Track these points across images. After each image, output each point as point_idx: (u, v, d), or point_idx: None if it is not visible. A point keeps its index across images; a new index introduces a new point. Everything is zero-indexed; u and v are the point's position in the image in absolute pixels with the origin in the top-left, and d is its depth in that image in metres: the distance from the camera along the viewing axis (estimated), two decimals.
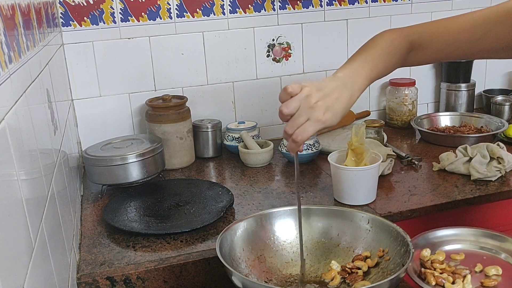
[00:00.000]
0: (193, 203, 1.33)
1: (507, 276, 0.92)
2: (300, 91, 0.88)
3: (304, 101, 0.87)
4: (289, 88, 0.88)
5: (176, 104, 1.60)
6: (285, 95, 0.88)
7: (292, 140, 0.88)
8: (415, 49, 1.00)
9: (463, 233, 1.04)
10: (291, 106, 0.87)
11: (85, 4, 1.57)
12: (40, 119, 0.86)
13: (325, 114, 0.87)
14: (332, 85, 0.90)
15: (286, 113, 0.87)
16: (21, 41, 0.78)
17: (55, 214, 0.87)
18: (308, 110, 0.87)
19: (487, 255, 0.99)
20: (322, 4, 1.79)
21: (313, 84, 0.90)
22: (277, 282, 0.96)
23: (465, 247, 1.01)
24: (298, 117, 0.87)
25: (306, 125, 0.87)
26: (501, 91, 2.05)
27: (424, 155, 1.61)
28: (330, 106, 0.88)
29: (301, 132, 0.87)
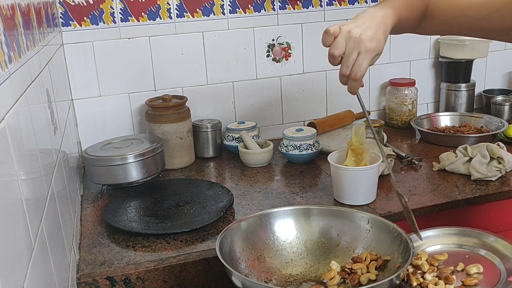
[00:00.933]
0: (193, 203, 1.33)
1: (488, 273, 0.92)
2: (339, 30, 0.91)
3: (348, 37, 0.89)
4: (331, 29, 0.91)
5: (176, 104, 1.60)
6: (328, 37, 0.91)
7: (351, 79, 0.90)
8: (427, 16, 1.02)
9: (444, 233, 1.03)
10: (339, 46, 0.90)
11: (85, 4, 1.57)
12: (40, 119, 0.86)
13: (372, 43, 0.90)
14: (365, 19, 0.93)
15: (338, 54, 0.90)
16: (21, 41, 0.78)
17: (55, 214, 0.87)
18: (356, 44, 0.89)
19: (469, 253, 0.98)
20: (322, 4, 1.79)
21: (348, 22, 0.93)
22: (277, 282, 0.95)
23: (446, 247, 1.01)
24: (349, 54, 0.90)
25: (360, 59, 0.89)
26: (501, 91, 2.05)
27: (424, 155, 1.61)
28: (373, 34, 0.90)
29: (358, 67, 0.89)
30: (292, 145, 1.57)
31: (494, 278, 0.90)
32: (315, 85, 1.86)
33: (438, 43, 1.96)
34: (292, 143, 1.57)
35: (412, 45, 1.94)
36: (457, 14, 0.99)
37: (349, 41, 0.90)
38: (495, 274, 0.92)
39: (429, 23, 1.03)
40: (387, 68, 1.93)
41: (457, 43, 1.87)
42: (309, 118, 1.88)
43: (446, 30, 1.05)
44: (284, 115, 1.87)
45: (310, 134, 1.57)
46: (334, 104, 1.89)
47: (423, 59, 1.99)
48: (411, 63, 1.97)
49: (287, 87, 1.84)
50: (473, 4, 0.97)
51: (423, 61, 1.99)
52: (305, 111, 1.88)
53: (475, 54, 1.90)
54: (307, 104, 1.88)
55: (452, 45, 1.90)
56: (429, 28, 1.05)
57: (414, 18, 1.02)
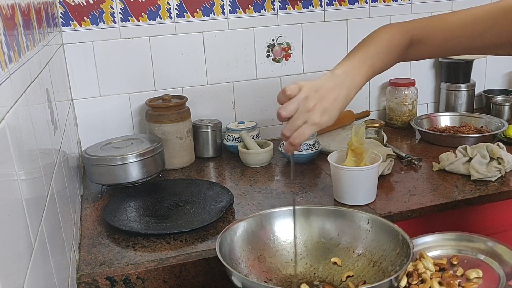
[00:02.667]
0: (193, 203, 1.33)
1: (488, 278, 0.92)
2: (298, 92, 0.88)
3: (302, 103, 0.88)
4: (288, 90, 0.88)
5: (176, 104, 1.60)
6: (283, 97, 0.89)
7: (289, 142, 0.89)
8: (414, 44, 1.00)
9: (442, 238, 1.03)
10: (289, 109, 0.88)
11: (85, 4, 1.57)
12: (40, 119, 0.86)
13: (322, 117, 0.88)
14: (329, 85, 0.90)
15: (284, 116, 0.89)
16: (21, 41, 0.78)
17: (55, 214, 0.87)
18: (306, 113, 0.87)
19: (468, 258, 0.98)
20: (322, 4, 1.79)
21: (311, 84, 0.90)
22: (277, 282, 0.95)
23: (445, 253, 1.01)
24: (295, 120, 0.88)
25: (304, 129, 0.88)
26: (501, 91, 2.05)
27: (424, 155, 1.61)
28: (327, 108, 0.89)
29: (298, 135, 0.88)
30: None
31: (494, 283, 0.90)
32: None
33: None
34: None
35: None
36: (450, 37, 0.97)
37: (301, 108, 0.87)
38: (494, 278, 0.92)
39: (418, 50, 1.01)
40: None
41: None
42: None
43: (439, 53, 1.03)
44: None
45: None
46: None
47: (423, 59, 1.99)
48: (411, 63, 1.97)
49: None
50: (466, 25, 0.95)
51: (423, 61, 1.99)
52: None
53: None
54: None
55: None
56: (421, 54, 1.03)
57: (397, 56, 0.99)
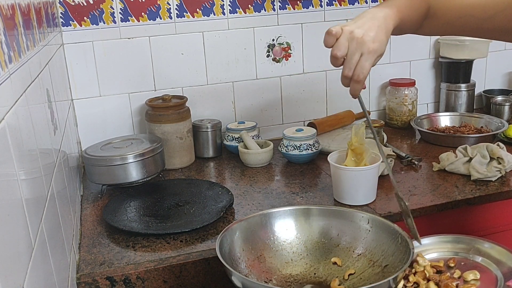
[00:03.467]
0: (193, 203, 1.33)
1: (485, 279, 0.92)
2: (342, 31, 0.90)
3: (351, 38, 0.89)
4: (333, 30, 0.89)
5: (176, 104, 1.60)
6: (330, 38, 0.90)
7: (354, 81, 0.90)
8: (429, 16, 1.01)
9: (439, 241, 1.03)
10: (342, 47, 0.89)
11: (85, 4, 1.57)
12: (40, 119, 0.86)
13: (374, 43, 0.89)
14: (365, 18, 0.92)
15: (340, 55, 0.89)
16: (21, 41, 0.78)
17: (55, 214, 0.87)
18: (359, 45, 0.88)
19: (465, 260, 0.98)
20: (322, 4, 1.79)
21: (349, 23, 0.92)
22: (277, 282, 0.95)
23: (442, 255, 1.01)
24: (351, 55, 0.89)
25: (363, 61, 0.88)
26: (501, 91, 2.05)
27: (424, 155, 1.61)
28: (375, 35, 0.89)
29: (361, 69, 0.89)
30: (292, 145, 1.57)
31: (491, 284, 0.90)
32: (315, 85, 1.86)
33: (438, 43, 1.96)
34: (292, 143, 1.57)
35: (412, 45, 1.94)
36: (461, 14, 0.97)
37: (351, 42, 0.89)
38: (491, 280, 0.92)
39: (431, 23, 1.02)
40: (387, 68, 1.93)
41: (457, 43, 1.87)
42: (309, 118, 1.88)
43: (449, 30, 1.04)
44: (284, 115, 1.87)
45: (310, 134, 1.57)
46: (334, 104, 1.89)
47: (423, 59, 1.99)
48: (411, 63, 1.97)
49: (287, 87, 1.84)
50: (478, 5, 0.95)
51: (423, 61, 1.99)
52: (305, 111, 1.88)
53: (475, 54, 1.90)
54: (307, 104, 1.88)
55: (452, 45, 1.90)
56: (432, 29, 1.04)
57: (417, 19, 1.00)
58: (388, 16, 0.93)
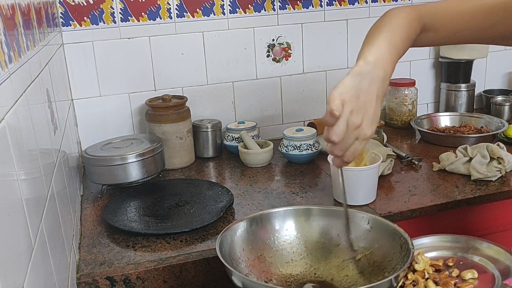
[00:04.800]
0: (193, 203, 1.33)
1: (483, 278, 0.93)
2: (342, 108, 0.82)
3: (349, 121, 0.82)
4: (335, 110, 0.81)
5: (176, 104, 1.60)
6: (331, 119, 0.82)
7: (344, 162, 0.86)
8: (426, 31, 0.97)
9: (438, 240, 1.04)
10: (339, 133, 0.82)
11: (85, 4, 1.57)
12: (40, 119, 0.86)
13: (372, 127, 0.84)
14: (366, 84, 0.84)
15: (338, 141, 0.83)
16: (21, 41, 0.78)
17: (55, 214, 0.87)
18: (355, 130, 0.83)
19: (463, 259, 0.99)
20: (322, 4, 1.79)
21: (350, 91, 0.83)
22: (277, 282, 0.95)
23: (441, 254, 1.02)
24: (347, 140, 0.83)
25: (356, 145, 0.84)
26: (501, 91, 2.05)
27: (424, 155, 1.61)
28: (373, 115, 0.84)
29: (353, 153, 0.84)
30: (292, 145, 1.57)
31: (489, 283, 0.92)
32: (315, 85, 1.86)
33: None
34: (292, 143, 1.57)
35: None
36: (462, 27, 0.95)
37: (350, 125, 0.82)
38: (489, 278, 0.93)
39: (429, 36, 0.98)
40: None
41: None
42: (309, 118, 1.88)
43: (449, 41, 1.01)
44: (284, 115, 1.87)
45: (310, 134, 1.57)
46: None
47: (423, 59, 1.99)
48: (411, 63, 1.97)
49: (287, 87, 1.84)
50: (478, 17, 0.93)
51: (423, 61, 1.99)
52: (305, 111, 1.88)
53: (475, 54, 1.90)
54: (307, 104, 1.88)
55: (452, 45, 1.90)
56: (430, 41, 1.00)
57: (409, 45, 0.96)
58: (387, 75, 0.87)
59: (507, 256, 0.95)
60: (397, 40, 0.91)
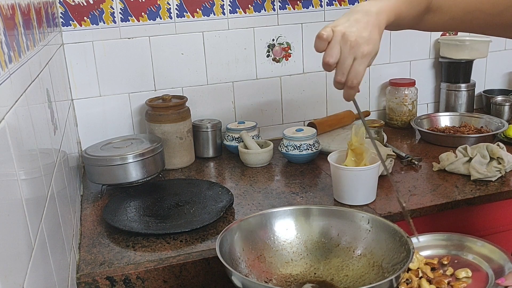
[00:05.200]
0: (193, 203, 1.33)
1: (477, 277, 0.94)
2: (333, 34, 0.84)
3: (342, 42, 0.83)
4: (324, 34, 0.84)
5: (176, 104, 1.60)
6: (321, 43, 0.85)
7: (348, 87, 0.85)
8: (432, 11, 0.96)
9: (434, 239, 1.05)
10: (334, 53, 0.83)
11: (85, 4, 1.57)
12: (40, 119, 0.86)
13: (368, 46, 0.83)
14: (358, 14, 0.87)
15: (333, 62, 0.84)
16: (21, 41, 0.78)
17: (55, 214, 0.87)
18: (352, 50, 0.83)
19: (458, 258, 1.00)
20: (322, 4, 1.79)
21: (340, 21, 0.86)
22: (277, 282, 0.95)
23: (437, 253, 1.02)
24: (344, 60, 0.83)
25: (356, 66, 0.83)
26: (501, 91, 2.05)
27: (424, 155, 1.61)
28: (369, 35, 0.84)
29: (355, 75, 0.84)
30: (292, 145, 1.57)
31: (482, 282, 0.92)
32: (315, 85, 1.86)
33: (438, 43, 1.96)
34: (292, 143, 1.57)
35: (412, 45, 1.94)
36: (469, 9, 0.93)
37: (344, 46, 0.83)
38: (483, 277, 0.93)
39: (434, 18, 0.96)
40: (387, 68, 1.93)
41: (457, 43, 1.87)
42: (309, 118, 1.88)
43: (454, 25, 0.98)
44: (284, 115, 1.87)
45: (310, 134, 1.57)
46: (334, 104, 1.89)
47: (423, 59, 1.99)
48: (411, 63, 1.97)
49: (287, 87, 1.84)
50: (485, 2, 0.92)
51: (423, 61, 1.99)
52: (305, 111, 1.88)
53: (475, 54, 1.90)
54: (307, 104, 1.88)
55: (452, 45, 1.90)
56: (434, 24, 0.98)
57: (416, 14, 0.94)
58: (382, 11, 0.88)
59: (501, 255, 0.95)
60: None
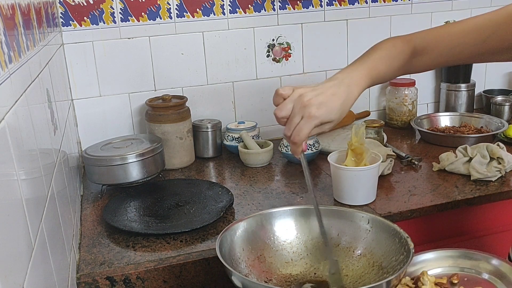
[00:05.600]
0: (193, 203, 1.33)
1: None
2: (292, 92, 0.89)
3: (297, 101, 0.88)
4: (280, 90, 0.89)
5: (176, 104, 1.60)
6: (277, 98, 0.90)
7: (291, 142, 0.90)
8: (418, 54, 1.00)
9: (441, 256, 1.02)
10: (284, 109, 0.88)
11: (85, 4, 1.57)
12: (40, 119, 0.86)
13: (318, 110, 0.87)
14: (327, 84, 0.91)
15: (281, 116, 0.89)
16: (21, 41, 0.78)
17: (55, 214, 0.87)
18: (301, 109, 0.87)
19: (468, 276, 0.97)
20: (322, 4, 1.79)
21: (307, 86, 0.91)
22: (277, 282, 0.95)
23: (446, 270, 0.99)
24: (292, 117, 0.88)
25: (301, 124, 0.88)
26: (501, 91, 2.05)
27: (424, 155, 1.61)
28: (324, 101, 0.88)
29: (297, 132, 0.88)
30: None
31: None
32: None
33: None
34: None
35: None
36: (454, 44, 0.97)
37: (296, 104, 0.88)
38: None
39: (422, 59, 1.00)
40: None
41: None
42: None
43: (443, 61, 1.02)
44: None
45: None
46: None
47: None
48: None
49: None
50: (469, 32, 0.95)
51: None
52: None
53: None
54: None
55: None
56: (425, 64, 1.02)
57: (400, 64, 0.98)
58: (354, 82, 0.92)
59: None
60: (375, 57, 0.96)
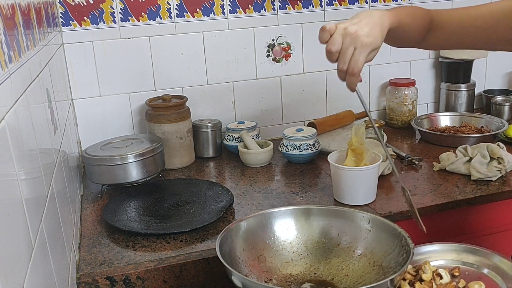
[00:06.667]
0: (193, 203, 1.32)
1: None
2: (336, 28, 0.93)
3: (345, 34, 0.92)
4: (327, 26, 0.93)
5: (176, 104, 1.60)
6: (325, 34, 0.93)
7: (349, 74, 0.92)
8: (432, 29, 1.04)
9: (445, 249, 1.02)
10: (336, 42, 0.92)
11: (85, 4, 1.57)
12: (40, 119, 0.86)
13: (368, 38, 0.91)
14: (361, 16, 0.95)
15: (335, 50, 0.92)
16: (21, 41, 0.78)
17: (55, 214, 0.87)
18: (352, 40, 0.91)
19: (469, 270, 0.97)
20: (322, 4, 1.79)
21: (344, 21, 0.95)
22: (277, 282, 0.95)
23: (450, 263, 0.99)
24: (345, 50, 0.92)
25: (356, 55, 0.91)
26: (501, 91, 2.05)
27: (424, 155, 1.61)
28: (369, 30, 0.92)
29: (355, 63, 0.91)
30: (292, 145, 1.57)
31: None
32: (315, 85, 1.86)
33: None
34: (292, 143, 1.57)
35: None
36: (465, 24, 1.01)
37: (345, 37, 0.92)
38: None
39: (435, 35, 1.05)
40: (387, 68, 1.93)
41: None
42: (309, 118, 1.88)
43: (452, 41, 1.06)
44: (284, 115, 1.87)
45: (310, 134, 1.57)
46: (334, 104, 1.89)
47: (423, 59, 1.99)
48: (411, 63, 1.97)
49: (287, 87, 1.84)
50: (480, 15, 0.99)
51: (423, 61, 1.99)
52: (305, 111, 1.88)
53: (475, 54, 1.90)
54: (307, 104, 1.88)
55: None
56: (435, 40, 1.06)
57: (418, 28, 1.03)
58: (384, 15, 0.97)
59: None
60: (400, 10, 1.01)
